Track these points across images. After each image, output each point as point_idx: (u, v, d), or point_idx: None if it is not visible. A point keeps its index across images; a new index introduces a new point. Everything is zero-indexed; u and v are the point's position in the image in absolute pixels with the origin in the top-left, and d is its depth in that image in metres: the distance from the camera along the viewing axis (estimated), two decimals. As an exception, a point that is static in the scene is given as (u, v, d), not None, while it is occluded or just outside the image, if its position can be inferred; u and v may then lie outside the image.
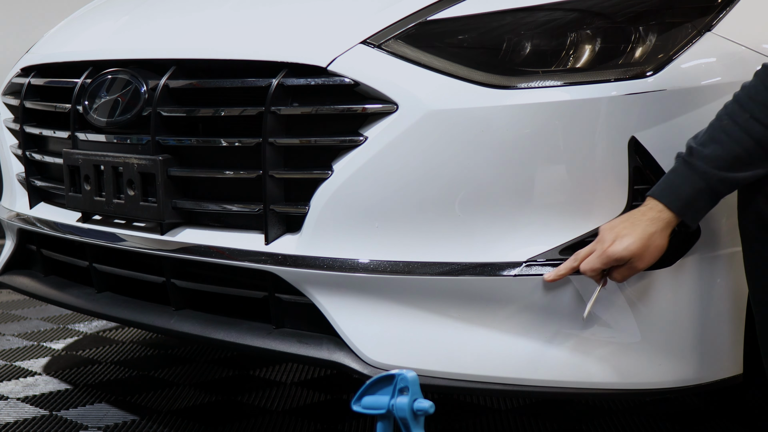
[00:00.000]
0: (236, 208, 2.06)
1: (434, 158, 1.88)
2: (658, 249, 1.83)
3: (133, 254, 2.25)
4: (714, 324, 1.97)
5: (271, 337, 2.04)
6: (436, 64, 1.92)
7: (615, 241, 1.81)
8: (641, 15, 1.97)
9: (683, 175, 1.81)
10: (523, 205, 1.89)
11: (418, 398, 1.60)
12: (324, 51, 1.97)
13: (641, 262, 1.83)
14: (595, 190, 1.87)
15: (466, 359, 1.92)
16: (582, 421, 2.46)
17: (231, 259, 2.05)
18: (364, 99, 1.92)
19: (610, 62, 1.93)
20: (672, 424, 2.43)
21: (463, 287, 1.90)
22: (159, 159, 2.10)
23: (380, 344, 1.94)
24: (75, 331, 3.33)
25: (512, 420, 2.47)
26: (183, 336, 2.17)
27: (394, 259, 1.91)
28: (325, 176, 1.94)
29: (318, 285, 1.97)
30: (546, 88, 1.89)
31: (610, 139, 1.89)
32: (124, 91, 2.19)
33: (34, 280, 2.57)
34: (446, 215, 1.89)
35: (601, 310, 1.91)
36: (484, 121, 1.87)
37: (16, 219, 2.54)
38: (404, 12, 1.99)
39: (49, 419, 2.50)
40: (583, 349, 1.92)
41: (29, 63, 2.54)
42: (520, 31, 1.95)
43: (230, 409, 2.57)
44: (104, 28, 2.54)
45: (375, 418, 1.62)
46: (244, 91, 2.05)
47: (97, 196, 2.25)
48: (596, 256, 1.83)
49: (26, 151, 2.49)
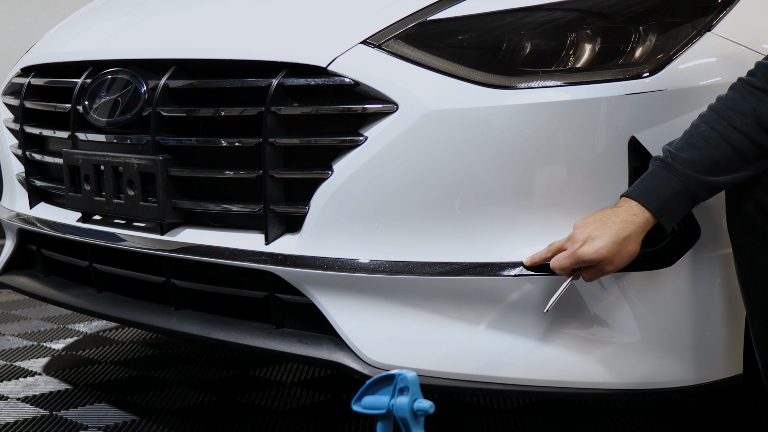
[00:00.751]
0: (236, 208, 2.06)
1: (434, 158, 1.88)
2: (629, 254, 1.81)
3: (133, 254, 2.25)
4: (714, 324, 1.97)
5: (271, 337, 2.04)
6: (436, 64, 1.92)
7: (586, 242, 1.79)
8: (641, 15, 1.97)
9: (661, 176, 1.80)
10: (523, 205, 1.89)
11: (418, 398, 1.60)
12: (324, 51, 1.97)
13: (611, 265, 1.81)
14: (595, 190, 1.87)
15: (466, 359, 1.92)
16: (582, 421, 2.46)
17: (231, 259, 2.05)
18: (364, 99, 1.92)
19: (610, 62, 1.93)
20: (672, 424, 2.43)
21: (463, 287, 1.90)
22: (159, 159, 2.10)
23: (380, 344, 1.94)
24: (75, 331, 3.33)
25: (512, 420, 2.47)
26: (183, 336, 2.17)
27: (394, 259, 1.91)
28: (325, 176, 1.94)
29: (318, 285, 1.97)
30: (546, 88, 1.89)
31: (610, 139, 1.89)
32: (124, 91, 2.19)
33: (34, 280, 2.57)
34: (446, 215, 1.89)
35: (602, 310, 1.91)
36: (484, 121, 1.87)
37: (16, 219, 2.54)
38: (404, 12, 1.99)
39: (49, 419, 2.50)
40: (583, 349, 1.92)
41: (29, 63, 2.54)
42: (520, 31, 1.95)
43: (230, 409, 2.57)
44: (104, 28, 2.54)
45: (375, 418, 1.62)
46: (244, 91, 2.05)
47: (97, 196, 2.25)
48: (566, 256, 1.81)
49: (26, 151, 2.49)
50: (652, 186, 1.80)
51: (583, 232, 1.81)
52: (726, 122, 1.79)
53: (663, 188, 1.79)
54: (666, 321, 1.94)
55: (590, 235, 1.79)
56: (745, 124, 1.78)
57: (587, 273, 1.83)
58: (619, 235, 1.79)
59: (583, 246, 1.79)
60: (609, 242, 1.78)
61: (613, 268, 1.82)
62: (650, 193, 1.80)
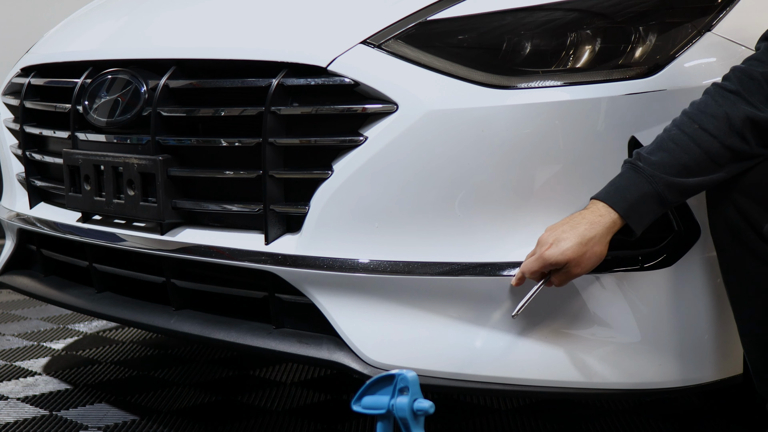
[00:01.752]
0: (236, 208, 2.06)
1: (434, 158, 1.88)
2: (596, 256, 1.80)
3: (133, 254, 2.25)
4: (713, 324, 1.96)
5: (271, 337, 2.04)
6: (436, 64, 1.92)
7: (552, 244, 1.79)
8: (641, 15, 1.97)
9: (629, 178, 1.79)
10: (523, 205, 1.89)
11: (418, 398, 1.60)
12: (324, 51, 1.97)
13: (578, 268, 1.80)
14: (595, 190, 1.87)
15: (466, 359, 1.92)
16: (582, 421, 2.46)
17: (231, 259, 2.05)
18: (364, 99, 1.92)
19: (610, 62, 1.93)
20: (672, 424, 2.43)
21: (463, 287, 1.90)
22: (159, 159, 2.10)
23: (380, 344, 1.94)
24: (75, 331, 3.33)
25: (512, 420, 2.47)
26: (183, 336, 2.17)
27: (394, 259, 1.91)
28: (325, 176, 1.94)
29: (318, 285, 1.97)
30: (546, 88, 1.89)
31: (610, 138, 1.89)
32: (124, 91, 2.19)
33: (34, 280, 2.57)
34: (446, 215, 1.89)
35: (602, 310, 1.91)
36: (484, 121, 1.87)
37: (16, 219, 2.54)
38: (404, 12, 1.99)
39: (49, 419, 2.50)
40: (583, 349, 1.92)
41: (29, 63, 2.54)
42: (520, 31, 1.95)
43: (230, 409, 2.57)
44: (104, 28, 2.54)
45: (375, 418, 1.62)
46: (244, 91, 2.05)
47: (97, 196, 2.25)
48: (534, 259, 1.81)
49: (26, 151, 2.49)
50: (619, 187, 1.80)
51: (550, 235, 1.81)
52: (697, 125, 1.78)
53: (630, 189, 1.79)
54: (666, 321, 1.94)
55: (557, 237, 1.79)
56: (716, 126, 1.77)
57: (556, 277, 1.82)
58: (585, 236, 1.78)
59: (550, 248, 1.79)
60: (575, 243, 1.78)
61: (581, 270, 1.81)
62: (617, 194, 1.79)
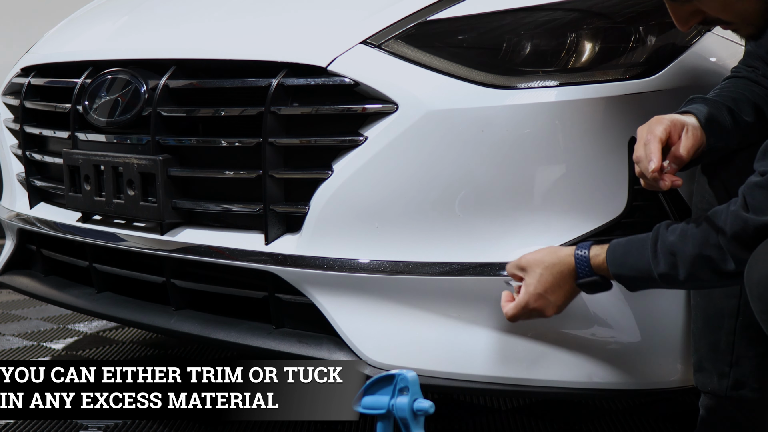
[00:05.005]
0: (236, 208, 2.06)
1: (434, 158, 1.88)
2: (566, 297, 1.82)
3: (133, 254, 2.25)
4: (714, 324, 1.97)
5: (271, 337, 2.04)
6: (436, 64, 1.92)
7: (542, 307, 1.79)
8: (641, 15, 1.97)
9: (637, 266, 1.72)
10: (522, 205, 1.89)
11: (418, 398, 1.60)
12: (324, 51, 1.97)
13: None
14: (594, 190, 1.87)
15: (466, 359, 1.92)
16: (582, 421, 2.46)
17: (231, 259, 2.05)
18: (364, 99, 1.92)
19: (610, 62, 1.93)
20: (672, 424, 2.43)
21: (463, 287, 1.90)
22: (159, 159, 2.10)
23: (380, 344, 1.94)
24: (75, 331, 3.33)
25: (512, 420, 2.47)
26: (183, 336, 2.17)
27: (394, 259, 1.91)
28: (325, 176, 1.94)
29: (318, 285, 1.97)
30: (546, 88, 1.89)
31: (609, 139, 1.89)
32: (124, 91, 2.19)
33: (34, 280, 2.57)
34: (446, 215, 1.89)
35: (602, 310, 1.91)
36: (483, 121, 1.87)
37: (16, 219, 2.54)
38: (404, 12, 1.99)
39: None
40: (583, 349, 1.92)
41: (29, 63, 2.54)
42: (520, 31, 1.95)
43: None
44: (104, 28, 2.54)
45: (375, 418, 1.62)
46: (244, 91, 2.05)
47: (97, 196, 2.25)
48: (520, 308, 1.80)
49: (26, 151, 2.49)
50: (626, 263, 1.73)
51: (539, 286, 1.78)
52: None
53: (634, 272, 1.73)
54: (666, 321, 1.94)
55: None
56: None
57: None
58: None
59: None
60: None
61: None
62: (623, 264, 1.74)
